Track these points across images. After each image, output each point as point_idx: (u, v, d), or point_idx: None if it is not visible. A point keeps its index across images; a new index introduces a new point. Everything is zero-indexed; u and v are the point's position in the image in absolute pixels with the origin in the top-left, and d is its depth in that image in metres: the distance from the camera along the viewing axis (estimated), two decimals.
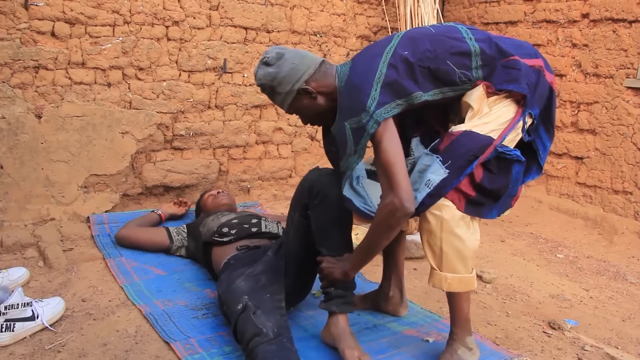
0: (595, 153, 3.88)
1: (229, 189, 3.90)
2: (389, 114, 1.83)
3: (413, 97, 1.88)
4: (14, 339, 2.05)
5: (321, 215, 2.11)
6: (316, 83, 1.98)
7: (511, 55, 1.92)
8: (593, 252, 3.48)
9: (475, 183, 1.89)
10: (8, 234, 2.92)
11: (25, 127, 3.03)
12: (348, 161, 1.91)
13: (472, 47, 1.90)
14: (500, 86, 1.91)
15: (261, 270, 2.18)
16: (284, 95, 1.99)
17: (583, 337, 2.37)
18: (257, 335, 1.86)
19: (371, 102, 1.81)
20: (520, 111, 1.92)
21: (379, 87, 1.83)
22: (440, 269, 1.94)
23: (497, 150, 1.88)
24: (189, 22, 3.48)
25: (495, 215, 2.01)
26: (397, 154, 1.81)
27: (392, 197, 1.77)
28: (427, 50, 1.87)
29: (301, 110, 2.05)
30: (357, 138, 1.85)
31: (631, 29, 3.61)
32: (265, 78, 1.98)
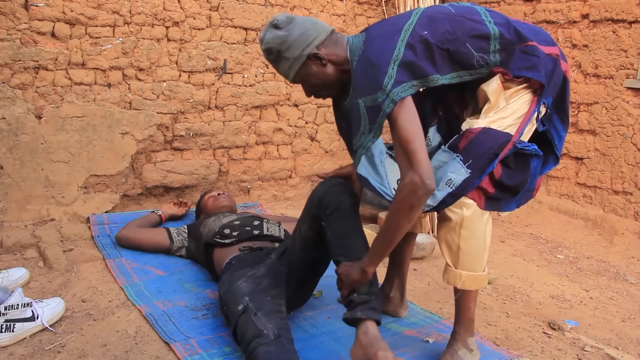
0: (595, 153, 3.88)
1: (229, 189, 3.89)
2: (406, 93, 1.76)
3: (429, 80, 1.82)
4: (13, 340, 2.05)
5: (337, 224, 2.03)
6: (327, 50, 1.89)
7: (529, 41, 1.88)
8: (593, 253, 3.48)
9: (494, 180, 1.89)
10: (8, 235, 2.92)
11: (25, 127, 3.03)
12: (361, 140, 1.85)
13: (491, 30, 1.85)
14: (519, 72, 1.87)
15: (263, 273, 2.17)
16: (292, 60, 1.89)
17: (583, 337, 2.37)
18: (258, 336, 1.86)
19: (388, 80, 1.74)
20: (536, 101, 1.90)
21: (396, 65, 1.76)
22: (456, 267, 1.95)
23: (516, 146, 1.87)
24: (189, 23, 3.48)
25: (514, 207, 2.01)
26: (416, 131, 1.74)
27: (412, 175, 1.69)
28: (447, 31, 1.82)
29: (308, 78, 1.94)
30: (373, 117, 1.78)
31: (631, 30, 3.61)
32: (274, 41, 1.88)
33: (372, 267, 1.90)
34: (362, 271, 1.89)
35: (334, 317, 2.38)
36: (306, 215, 2.15)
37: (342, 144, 4.37)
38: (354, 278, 1.90)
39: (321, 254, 2.17)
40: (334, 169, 4.32)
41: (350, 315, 1.90)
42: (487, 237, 1.96)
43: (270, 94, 3.90)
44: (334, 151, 4.35)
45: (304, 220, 2.17)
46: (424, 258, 3.14)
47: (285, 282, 2.18)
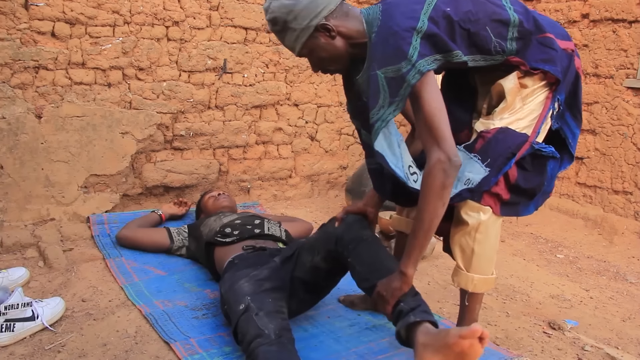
0: (595, 153, 3.88)
1: (229, 189, 3.90)
2: (431, 66, 1.67)
3: (453, 55, 1.73)
4: (13, 339, 2.05)
5: (363, 255, 1.98)
6: (337, 21, 1.78)
7: (547, 32, 1.84)
8: (593, 253, 3.48)
9: (509, 184, 1.86)
10: (8, 234, 2.92)
11: (25, 127, 3.03)
12: (380, 113, 1.75)
13: (511, 16, 1.79)
14: (536, 64, 1.83)
15: (266, 276, 2.15)
16: (298, 31, 1.78)
17: (583, 337, 2.37)
18: (259, 336, 1.85)
19: (413, 50, 1.64)
20: (550, 98, 1.87)
21: (419, 37, 1.66)
22: (468, 270, 1.94)
23: (533, 147, 1.84)
24: (189, 23, 3.48)
25: (533, 210, 1.99)
26: (441, 106, 1.67)
27: (439, 154, 1.63)
28: (469, 11, 1.74)
29: (315, 51, 1.83)
30: (395, 88, 1.69)
31: (631, 29, 3.61)
32: (280, 10, 1.76)
33: (412, 267, 1.78)
34: (402, 274, 1.78)
35: (334, 317, 2.38)
36: (321, 247, 2.11)
37: (342, 144, 4.37)
38: (394, 286, 1.79)
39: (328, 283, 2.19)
40: (333, 168, 4.33)
41: (404, 324, 1.75)
42: (498, 239, 1.96)
43: (271, 94, 3.90)
44: (334, 151, 4.35)
45: (316, 250, 2.13)
46: (423, 258, 3.14)
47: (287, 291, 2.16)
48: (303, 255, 2.18)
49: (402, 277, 1.78)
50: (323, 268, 2.13)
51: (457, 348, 1.55)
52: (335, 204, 4.16)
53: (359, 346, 2.15)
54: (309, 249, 2.17)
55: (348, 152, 4.43)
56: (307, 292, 2.22)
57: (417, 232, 1.74)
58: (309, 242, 2.21)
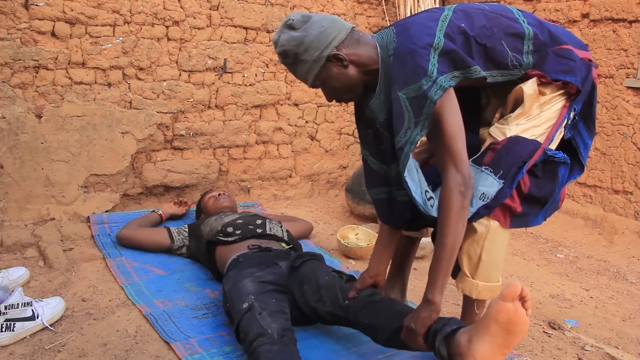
0: (595, 153, 3.88)
1: (229, 188, 3.90)
2: (452, 82, 1.65)
3: (472, 71, 1.70)
4: (14, 339, 2.05)
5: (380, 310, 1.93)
6: (348, 50, 1.76)
7: (565, 44, 1.82)
8: (593, 252, 3.48)
9: (522, 195, 1.82)
10: (8, 234, 2.92)
11: (25, 127, 3.03)
12: (407, 135, 1.70)
13: (526, 29, 1.78)
14: (556, 76, 1.81)
15: (270, 280, 2.15)
16: (310, 63, 1.76)
17: (583, 337, 2.37)
18: (262, 335, 1.85)
19: (432, 67, 1.62)
20: (567, 106, 1.85)
21: (436, 54, 1.64)
22: (473, 277, 1.92)
23: (546, 153, 1.82)
24: (189, 22, 3.48)
25: (542, 220, 1.96)
26: (461, 127, 1.66)
27: (457, 176, 1.63)
28: (484, 26, 1.74)
29: (329, 81, 1.80)
30: (418, 107, 1.65)
31: (631, 29, 3.61)
32: (290, 43, 1.74)
33: (439, 294, 1.71)
34: (430, 302, 1.71)
35: None
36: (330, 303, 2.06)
37: (342, 143, 4.37)
38: (424, 316, 1.71)
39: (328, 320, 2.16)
40: (333, 167, 4.33)
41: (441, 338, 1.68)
42: (506, 246, 1.94)
43: (271, 94, 3.90)
44: (334, 150, 4.35)
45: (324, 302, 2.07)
46: (424, 257, 3.14)
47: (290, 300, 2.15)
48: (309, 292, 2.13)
49: (431, 305, 1.71)
50: (325, 318, 2.11)
51: (503, 317, 1.52)
52: (336, 204, 4.16)
53: (359, 346, 2.14)
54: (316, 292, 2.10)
55: (348, 152, 4.42)
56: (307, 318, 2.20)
57: (441, 257, 1.69)
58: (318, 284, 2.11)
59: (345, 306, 2.00)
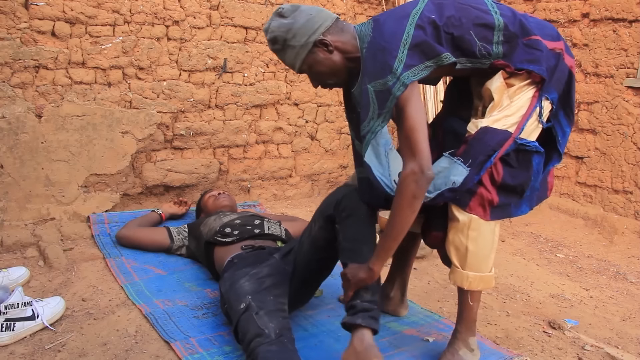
0: (595, 153, 3.88)
1: (229, 188, 3.90)
2: (417, 76, 1.76)
3: (442, 58, 1.80)
4: (14, 339, 2.06)
5: (349, 228, 2.03)
6: (333, 37, 1.88)
7: (533, 35, 1.88)
8: (593, 252, 3.48)
9: (497, 185, 1.88)
10: (8, 234, 2.92)
11: (25, 126, 3.03)
12: (370, 125, 1.84)
13: (496, 20, 1.85)
14: (521, 65, 1.87)
15: (267, 273, 2.16)
16: (298, 48, 1.87)
17: (583, 336, 2.37)
18: (259, 335, 1.86)
19: (398, 64, 1.74)
20: (537, 95, 1.90)
21: (406, 49, 1.75)
22: (463, 267, 1.95)
23: (517, 142, 1.87)
24: (189, 22, 3.48)
25: (527, 209, 2.01)
26: (421, 120, 1.75)
27: (413, 165, 1.72)
28: (452, 16, 1.82)
29: (315, 66, 1.92)
30: (382, 101, 1.78)
31: (631, 29, 3.61)
32: (280, 29, 1.86)
33: (379, 265, 1.89)
34: (369, 269, 1.89)
35: (334, 317, 2.38)
36: (319, 215, 2.16)
37: (342, 143, 4.37)
38: (360, 277, 1.90)
39: (329, 255, 2.18)
40: (333, 167, 4.33)
41: (350, 320, 1.89)
42: (495, 237, 1.96)
43: (271, 93, 3.90)
44: (334, 150, 4.35)
45: (316, 220, 2.18)
46: (424, 257, 3.14)
47: (288, 280, 2.18)
48: (304, 236, 2.24)
49: (369, 272, 1.89)
50: (323, 237, 2.15)
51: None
52: None
53: None
54: (309, 224, 2.22)
55: (348, 152, 4.42)
56: (311, 271, 2.23)
57: (387, 236, 1.84)
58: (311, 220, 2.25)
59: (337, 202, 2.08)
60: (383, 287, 2.45)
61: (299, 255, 2.23)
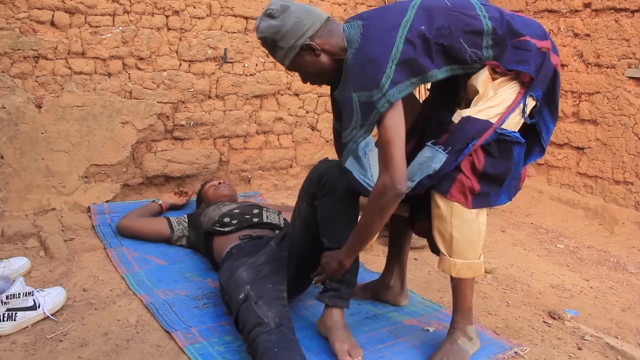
0: (596, 143, 3.87)
1: (230, 179, 3.89)
2: (402, 94, 1.77)
3: (428, 76, 1.84)
4: (15, 328, 2.06)
5: (327, 206, 2.08)
6: (321, 40, 1.89)
7: (522, 36, 1.89)
8: (593, 243, 3.49)
9: (478, 173, 1.89)
10: (9, 224, 2.92)
11: (25, 117, 3.02)
12: (352, 134, 1.87)
13: (485, 25, 1.86)
14: (510, 66, 1.88)
15: (264, 261, 2.17)
16: (286, 50, 1.90)
17: (583, 327, 2.38)
18: (259, 325, 1.86)
19: (385, 80, 1.74)
20: (522, 92, 1.91)
21: (394, 64, 1.76)
22: (450, 255, 1.95)
23: (497, 132, 1.88)
24: (189, 12, 3.46)
25: (506, 200, 2.03)
26: (399, 134, 1.77)
27: (385, 178, 1.74)
28: (442, 26, 1.82)
29: (302, 67, 1.95)
30: (366, 113, 1.79)
31: (633, 19, 3.59)
32: (268, 31, 1.88)
33: (349, 259, 1.99)
34: (340, 262, 2.00)
35: None
36: (305, 192, 2.18)
37: None
38: (332, 267, 2.03)
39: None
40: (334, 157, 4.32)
41: (319, 299, 2.12)
42: (482, 225, 1.96)
43: (271, 83, 3.89)
44: None
45: (302, 197, 2.20)
46: (424, 247, 3.14)
47: (286, 266, 2.18)
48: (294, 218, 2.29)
49: (339, 264, 2.00)
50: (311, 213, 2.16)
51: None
52: None
53: (359, 335, 2.15)
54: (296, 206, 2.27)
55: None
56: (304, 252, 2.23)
57: (356, 234, 1.94)
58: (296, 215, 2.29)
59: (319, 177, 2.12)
60: (382, 276, 2.47)
61: (293, 237, 2.25)
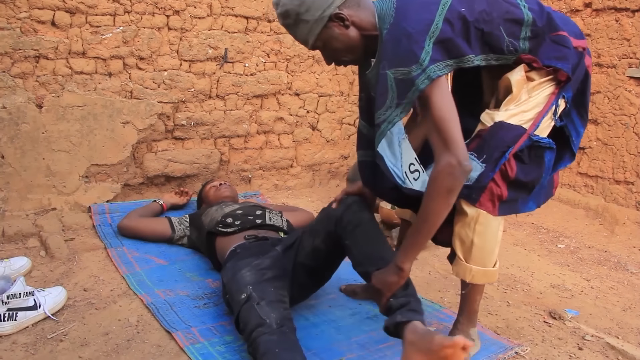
0: (597, 143, 3.87)
1: (230, 178, 3.90)
2: (442, 72, 1.66)
3: (465, 60, 1.73)
4: (16, 328, 2.06)
5: (361, 239, 1.99)
6: (349, 11, 1.74)
7: (561, 30, 1.83)
8: (594, 242, 3.49)
9: (509, 180, 1.83)
10: (10, 224, 2.92)
11: (26, 116, 3.02)
12: (387, 114, 1.73)
13: (525, 15, 1.78)
14: (549, 62, 1.82)
15: (268, 265, 2.16)
16: (312, 23, 1.73)
17: (584, 326, 2.38)
18: (260, 325, 1.86)
19: (425, 55, 1.63)
20: (556, 93, 1.86)
21: (431, 42, 1.64)
22: (467, 261, 1.92)
23: (532, 139, 1.82)
24: (190, 12, 3.46)
25: (534, 207, 1.97)
26: (451, 110, 1.65)
27: (449, 157, 1.61)
28: (484, 11, 1.73)
29: (329, 42, 1.78)
30: (403, 91, 1.67)
31: (634, 19, 3.59)
32: (292, 2, 1.71)
33: (408, 262, 1.78)
34: (397, 269, 1.78)
35: (335, 306, 2.39)
36: (322, 229, 2.11)
37: (343, 133, 4.37)
38: (390, 280, 1.80)
39: (328, 265, 2.19)
40: (334, 157, 4.33)
41: (391, 322, 1.76)
42: (500, 232, 1.93)
43: (272, 83, 3.89)
44: (335, 140, 4.34)
45: (317, 233, 2.13)
46: (425, 247, 3.14)
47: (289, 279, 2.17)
48: (304, 239, 2.19)
49: (399, 272, 1.78)
50: (323, 250, 2.13)
51: (441, 353, 1.57)
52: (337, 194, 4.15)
53: (360, 335, 2.15)
54: (310, 233, 2.18)
55: (349, 142, 4.42)
56: (309, 277, 2.22)
57: (419, 231, 1.74)
58: (310, 226, 2.22)
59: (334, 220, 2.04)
60: None
61: (298, 258, 2.20)
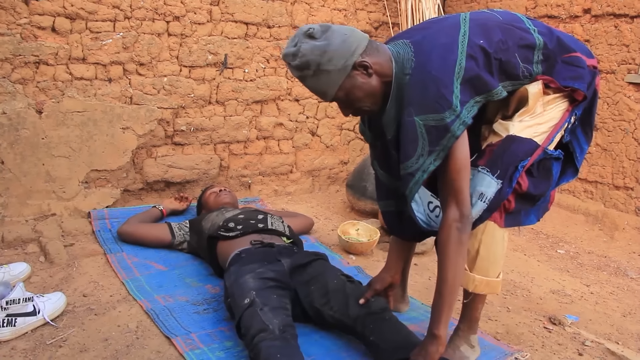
0: (596, 149, 3.88)
1: (230, 184, 3.90)
2: (471, 114, 1.65)
3: (493, 94, 1.72)
4: (15, 334, 2.06)
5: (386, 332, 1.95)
6: (371, 58, 1.70)
7: (574, 51, 1.84)
8: (594, 248, 3.48)
9: (519, 194, 1.82)
10: (9, 230, 2.92)
11: (26, 122, 3.02)
12: (420, 162, 1.69)
13: (537, 40, 1.79)
14: (565, 83, 1.83)
15: (271, 277, 2.15)
16: (334, 73, 1.67)
17: (583, 332, 2.38)
18: (263, 331, 1.85)
19: (456, 100, 1.61)
20: (570, 110, 1.87)
21: (458, 83, 1.63)
22: (471, 270, 1.91)
23: (546, 153, 1.82)
24: (190, 18, 3.47)
25: (535, 220, 1.97)
26: (468, 160, 1.68)
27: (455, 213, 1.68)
28: (500, 40, 1.73)
29: (352, 92, 1.72)
30: (436, 138, 1.63)
31: (633, 24, 3.60)
32: (313, 52, 1.65)
33: (444, 328, 1.73)
34: (435, 337, 1.72)
35: None
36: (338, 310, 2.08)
37: (343, 139, 4.37)
38: (431, 350, 1.71)
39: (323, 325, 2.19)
40: (334, 163, 4.33)
41: None
42: (505, 243, 1.93)
43: (271, 89, 3.90)
44: (334, 146, 4.35)
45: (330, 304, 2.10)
46: (424, 253, 3.14)
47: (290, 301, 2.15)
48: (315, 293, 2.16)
49: (437, 340, 1.72)
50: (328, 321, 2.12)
51: None
52: (336, 199, 4.16)
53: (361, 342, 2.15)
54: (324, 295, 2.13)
55: (349, 148, 4.42)
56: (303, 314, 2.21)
57: (443, 292, 1.72)
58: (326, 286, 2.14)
59: (354, 316, 2.02)
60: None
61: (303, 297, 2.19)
